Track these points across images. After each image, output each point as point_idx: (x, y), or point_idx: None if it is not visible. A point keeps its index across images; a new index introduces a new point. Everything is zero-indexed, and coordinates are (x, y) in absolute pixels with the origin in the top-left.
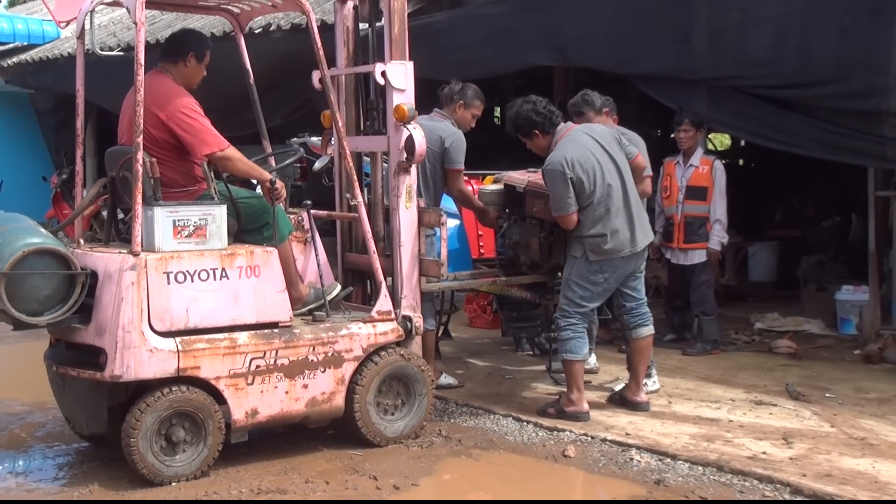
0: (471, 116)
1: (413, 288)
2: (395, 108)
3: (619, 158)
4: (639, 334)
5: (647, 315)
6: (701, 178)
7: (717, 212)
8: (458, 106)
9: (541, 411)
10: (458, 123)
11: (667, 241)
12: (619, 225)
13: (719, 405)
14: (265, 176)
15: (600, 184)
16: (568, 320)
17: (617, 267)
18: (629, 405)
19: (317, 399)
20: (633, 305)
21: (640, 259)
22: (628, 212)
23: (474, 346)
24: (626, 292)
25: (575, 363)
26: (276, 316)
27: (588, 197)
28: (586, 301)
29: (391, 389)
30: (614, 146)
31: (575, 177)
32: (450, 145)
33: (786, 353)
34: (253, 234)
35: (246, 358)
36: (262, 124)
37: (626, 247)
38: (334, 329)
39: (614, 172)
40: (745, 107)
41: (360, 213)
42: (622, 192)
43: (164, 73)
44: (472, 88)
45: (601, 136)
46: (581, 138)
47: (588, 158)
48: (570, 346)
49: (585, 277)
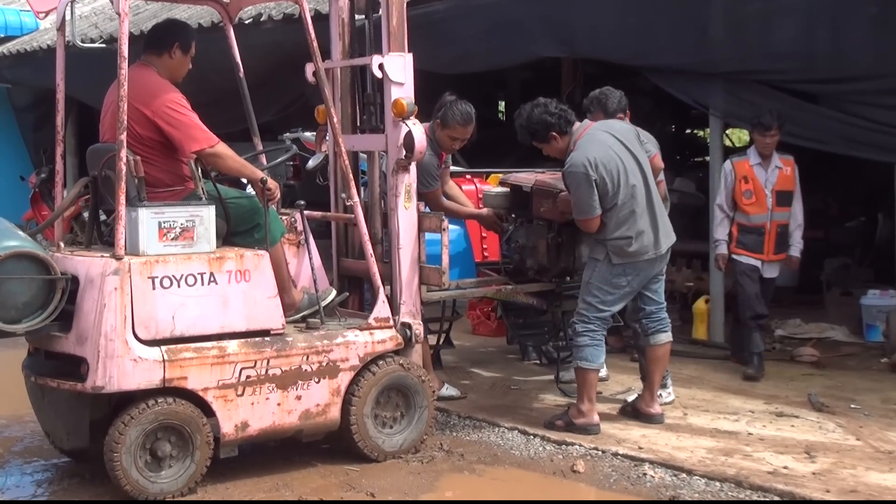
0: (449, 140)
1: (413, 294)
2: (394, 102)
3: (641, 157)
4: (657, 341)
5: (666, 321)
6: (787, 181)
7: (798, 216)
8: (437, 125)
9: (548, 424)
10: (438, 143)
11: (753, 252)
12: (643, 226)
13: (738, 417)
14: (256, 174)
15: (624, 184)
16: (587, 326)
17: (640, 270)
18: (642, 417)
19: (311, 411)
20: (652, 309)
21: (663, 261)
22: (651, 212)
23: (478, 354)
24: (646, 295)
25: (589, 372)
26: (267, 323)
27: (612, 198)
28: (607, 305)
29: (390, 401)
30: (635, 143)
31: (598, 177)
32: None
33: (808, 361)
34: (243, 237)
35: (236, 368)
36: (252, 120)
37: (650, 249)
38: (329, 337)
39: (637, 171)
40: (766, 101)
41: (356, 214)
42: (645, 191)
43: (147, 66)
44: (457, 108)
45: (622, 133)
46: (601, 136)
47: (611, 158)
48: (586, 354)
49: (608, 281)
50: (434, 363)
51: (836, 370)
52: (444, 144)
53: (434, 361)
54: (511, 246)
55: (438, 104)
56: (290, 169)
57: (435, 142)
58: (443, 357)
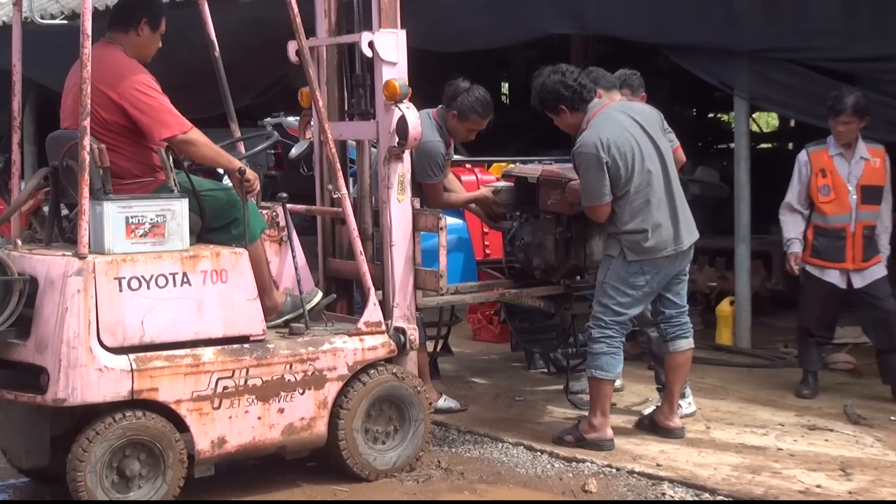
0: (465, 131)
1: (407, 295)
2: (385, 84)
3: (662, 144)
4: (677, 347)
5: (687, 325)
6: (876, 175)
7: (886, 218)
8: (452, 115)
9: (556, 439)
10: (450, 133)
11: (830, 261)
12: (660, 219)
13: (766, 431)
14: (234, 164)
15: (639, 170)
16: (603, 331)
17: (660, 268)
18: (661, 431)
19: (294, 425)
20: (672, 313)
21: (684, 259)
22: (671, 204)
23: (479, 362)
24: (666, 297)
25: (604, 383)
26: (246, 328)
27: (624, 185)
28: (625, 308)
29: (382, 414)
30: (656, 129)
31: (610, 160)
32: (416, 156)
33: (843, 369)
34: (219, 233)
35: (211, 378)
36: (229, 104)
37: (669, 245)
38: (315, 344)
39: (655, 158)
40: (798, 81)
41: (344, 207)
42: (664, 180)
43: (112, 45)
44: (475, 97)
45: (642, 115)
46: (618, 117)
47: (626, 140)
48: (601, 362)
49: (624, 280)
50: (431, 372)
51: (874, 379)
52: (459, 135)
53: (431, 370)
54: (515, 244)
55: (451, 92)
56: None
57: (444, 128)
58: (441, 365)
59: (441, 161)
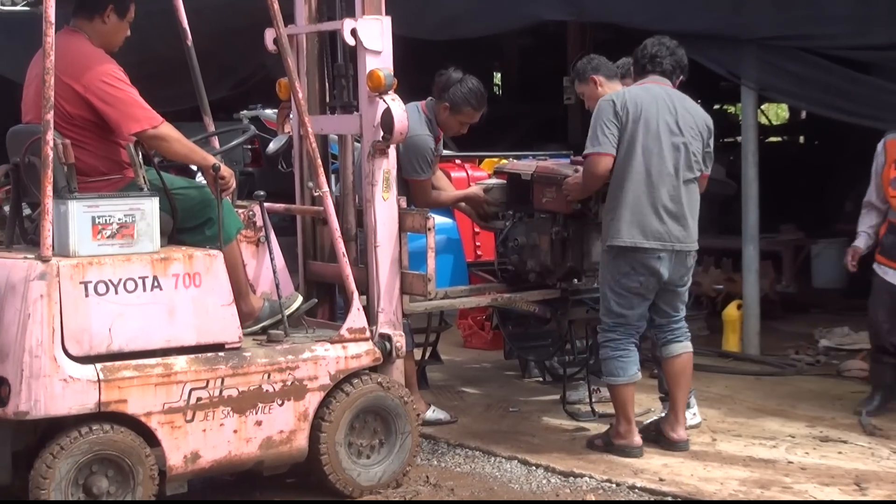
0: (458, 124)
1: (393, 300)
2: (369, 74)
3: (692, 145)
4: (670, 352)
5: (681, 330)
6: None
7: None
8: (444, 108)
9: (588, 443)
10: (441, 127)
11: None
12: (649, 209)
13: (775, 443)
14: (207, 160)
15: (646, 147)
16: (606, 335)
17: (649, 269)
18: (663, 442)
19: (273, 439)
20: (663, 322)
21: (679, 266)
22: (676, 203)
23: (470, 371)
24: (659, 306)
25: (619, 388)
26: (221, 335)
27: (626, 152)
28: (624, 308)
29: (366, 426)
30: (692, 130)
31: (623, 115)
32: (403, 150)
33: (858, 376)
34: (192, 234)
35: (184, 389)
36: (202, 96)
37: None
38: (294, 352)
39: (670, 152)
40: (810, 70)
41: (325, 206)
42: (673, 177)
43: (77, 33)
44: (468, 87)
45: (684, 108)
46: (655, 90)
47: (649, 105)
48: (610, 368)
49: (616, 280)
50: (419, 381)
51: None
52: (451, 129)
53: (419, 379)
54: (508, 246)
55: (441, 83)
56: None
57: (434, 122)
58: (429, 374)
59: (430, 156)
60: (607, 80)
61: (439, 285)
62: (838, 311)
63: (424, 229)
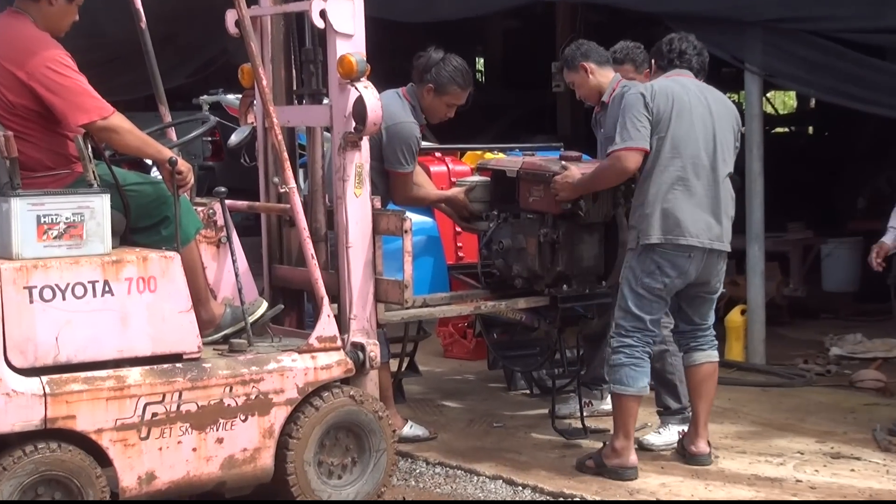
0: (444, 107)
1: (367, 306)
2: (340, 59)
3: (725, 138)
4: (692, 360)
5: (707, 338)
6: None
7: None
8: (427, 90)
9: (578, 465)
10: (427, 112)
11: None
12: (690, 206)
13: (783, 460)
14: (163, 154)
15: (680, 139)
16: (622, 340)
17: (680, 267)
18: (687, 457)
19: (236, 458)
20: (689, 329)
21: (711, 267)
22: (713, 198)
23: (450, 383)
24: (686, 312)
25: (625, 399)
26: (179, 345)
27: (658, 146)
28: (644, 311)
29: (338, 444)
30: (726, 122)
31: (654, 107)
32: (387, 140)
33: (872, 387)
34: (147, 234)
35: (138, 403)
36: (158, 84)
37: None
38: (259, 363)
39: (705, 148)
40: (819, 55)
41: (292, 204)
42: (710, 171)
43: (20, 15)
44: (453, 66)
45: (715, 98)
46: (683, 80)
47: (685, 105)
48: (620, 376)
49: (638, 279)
50: (395, 395)
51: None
52: (437, 113)
53: (395, 393)
54: (493, 249)
55: (422, 65)
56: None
57: (417, 108)
58: (406, 387)
59: (416, 146)
60: (599, 67)
61: (418, 291)
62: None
63: (400, 231)
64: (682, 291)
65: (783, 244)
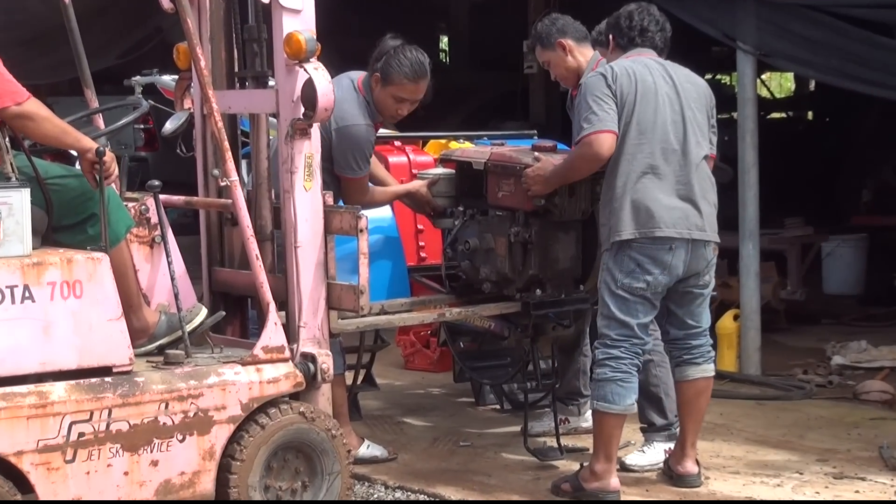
0: (392, 101)
1: (318, 312)
2: (287, 38)
3: (698, 121)
4: (683, 375)
5: (701, 350)
6: None
7: None
8: (376, 80)
9: (553, 489)
10: (377, 106)
11: None
12: (665, 194)
13: (780, 481)
14: (82, 143)
15: (646, 122)
16: (608, 351)
17: (662, 262)
18: (674, 478)
19: (172, 483)
20: (680, 335)
21: (699, 258)
22: (685, 185)
23: (412, 398)
24: (675, 314)
25: (608, 418)
26: (108, 357)
27: (624, 132)
28: (631, 315)
29: (286, 466)
30: (696, 104)
31: (616, 88)
32: (336, 142)
33: (879, 400)
34: (72, 233)
35: (63, 422)
36: (84, 66)
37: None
38: (198, 376)
39: (674, 130)
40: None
41: (234, 199)
42: (682, 158)
43: None
44: (404, 57)
45: (682, 78)
46: (647, 61)
47: (650, 86)
48: (605, 392)
49: (618, 281)
50: (350, 411)
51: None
52: (387, 108)
53: (350, 409)
54: (458, 249)
55: (377, 52)
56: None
57: (372, 105)
58: (363, 402)
59: (369, 150)
60: (577, 45)
61: (375, 297)
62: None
63: (355, 231)
64: (671, 289)
65: (780, 242)
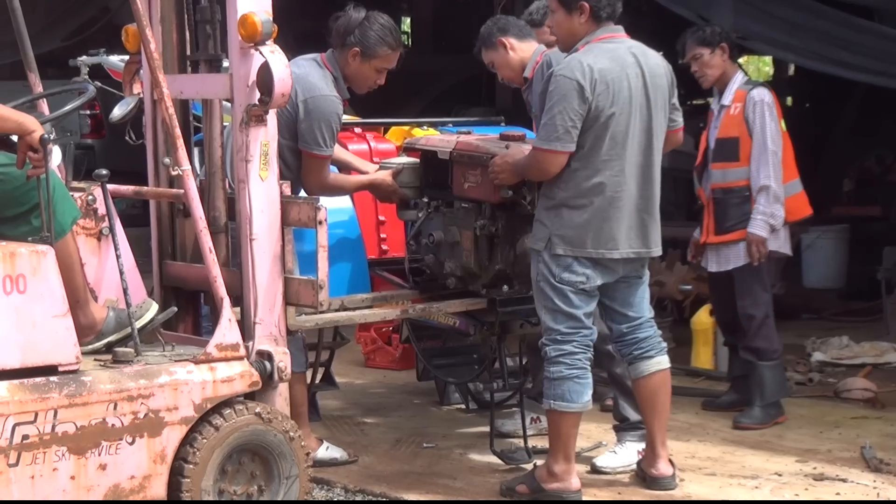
0: (373, 73)
1: (275, 308)
2: (242, 19)
3: (657, 119)
4: (638, 372)
5: (651, 341)
6: (732, 125)
7: (759, 174)
8: (353, 55)
9: (506, 489)
10: (352, 81)
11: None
12: (615, 212)
13: (758, 483)
14: (29, 126)
15: (616, 136)
16: (561, 348)
17: (605, 268)
18: (648, 480)
19: (122, 487)
20: (624, 329)
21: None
22: (645, 199)
23: (374, 397)
24: (613, 309)
25: (566, 417)
26: (53, 355)
27: (594, 140)
28: (574, 308)
29: (242, 469)
30: (660, 91)
31: (593, 95)
32: (304, 114)
33: (861, 398)
34: (15, 225)
35: (6, 424)
36: (27, 48)
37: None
38: (148, 375)
39: (643, 134)
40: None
41: (186, 189)
42: (647, 171)
43: None
44: (379, 24)
45: (650, 63)
46: (616, 48)
47: (625, 93)
48: (563, 390)
49: (557, 276)
50: (309, 411)
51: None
52: (366, 80)
53: (309, 409)
54: (422, 242)
55: (342, 27)
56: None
57: (340, 80)
58: (321, 402)
59: (336, 125)
60: (519, 41)
61: (334, 293)
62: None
63: (314, 223)
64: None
65: None
